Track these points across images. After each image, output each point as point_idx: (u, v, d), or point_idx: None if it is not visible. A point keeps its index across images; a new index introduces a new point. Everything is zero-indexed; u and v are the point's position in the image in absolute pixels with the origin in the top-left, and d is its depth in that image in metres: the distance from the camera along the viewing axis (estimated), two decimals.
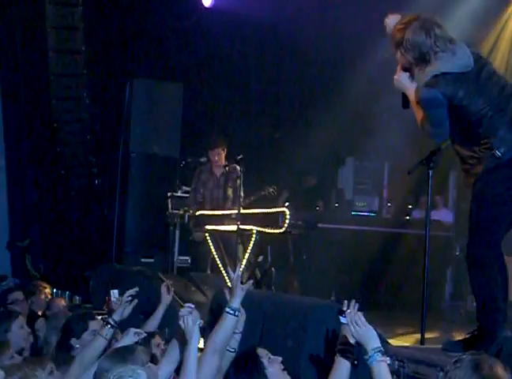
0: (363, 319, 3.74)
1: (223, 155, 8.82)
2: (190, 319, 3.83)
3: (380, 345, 3.65)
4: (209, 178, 8.87)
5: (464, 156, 4.72)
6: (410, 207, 10.09)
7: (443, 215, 10.48)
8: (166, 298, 5.45)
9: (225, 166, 8.84)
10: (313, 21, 11.01)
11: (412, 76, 4.75)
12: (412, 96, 4.74)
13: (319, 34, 10.98)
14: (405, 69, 4.77)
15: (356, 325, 3.72)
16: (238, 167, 8.71)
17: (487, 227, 4.63)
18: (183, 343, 3.90)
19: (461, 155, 4.73)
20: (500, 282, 4.63)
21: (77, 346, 4.81)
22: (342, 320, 3.81)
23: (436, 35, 4.61)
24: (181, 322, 3.85)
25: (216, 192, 8.78)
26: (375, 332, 3.71)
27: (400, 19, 4.75)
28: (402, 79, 4.77)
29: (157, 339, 5.00)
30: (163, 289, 5.48)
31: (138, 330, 4.43)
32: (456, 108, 4.62)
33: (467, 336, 4.74)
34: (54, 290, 8.21)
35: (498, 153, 4.54)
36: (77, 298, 8.89)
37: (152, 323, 5.36)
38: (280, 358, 4.01)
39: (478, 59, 4.68)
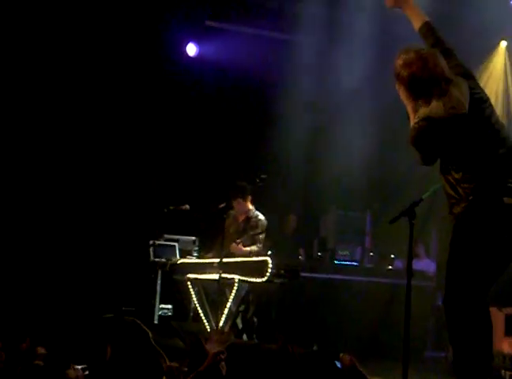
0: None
1: (244, 203, 8.81)
2: None
3: None
4: (233, 222, 8.84)
5: (447, 192, 4.71)
6: (392, 256, 10.10)
7: (425, 264, 10.51)
8: None
9: (248, 213, 8.88)
10: (298, 71, 11.15)
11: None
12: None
13: (304, 84, 11.11)
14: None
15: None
16: (260, 217, 8.74)
17: (463, 276, 4.56)
18: None
19: (445, 189, 4.73)
20: (479, 335, 4.53)
21: None
22: (338, 365, 3.78)
23: (433, 74, 4.60)
24: None
25: (236, 237, 8.73)
26: None
27: (402, 51, 4.75)
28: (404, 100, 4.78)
29: None
30: None
31: None
32: (445, 148, 4.62)
33: None
34: None
35: (474, 199, 4.56)
36: None
37: None
38: None
39: (477, 102, 4.63)
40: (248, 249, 8.45)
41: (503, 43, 10.95)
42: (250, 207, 8.84)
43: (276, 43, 11.34)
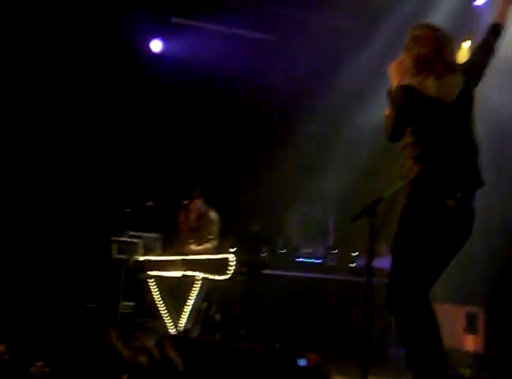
0: None
1: (197, 203, 8.86)
2: None
3: None
4: (187, 220, 8.89)
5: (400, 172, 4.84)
6: (354, 254, 10.13)
7: (388, 262, 10.54)
8: None
9: (200, 210, 8.92)
10: (265, 67, 11.18)
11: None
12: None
13: (269, 80, 11.13)
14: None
15: None
16: (210, 213, 8.82)
17: (402, 270, 4.69)
18: None
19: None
20: (422, 329, 4.61)
21: None
22: (300, 363, 3.80)
23: (439, 55, 4.74)
24: None
25: (189, 236, 8.77)
26: None
27: (418, 26, 4.90)
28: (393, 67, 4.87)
29: None
30: None
31: None
32: (416, 126, 4.71)
33: None
34: None
35: (417, 194, 4.64)
36: None
37: None
38: None
39: (463, 101, 4.75)
40: (201, 247, 8.48)
41: (466, 44, 10.93)
42: (201, 204, 8.91)
43: (242, 40, 11.33)
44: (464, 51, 10.36)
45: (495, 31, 5.03)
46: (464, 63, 4.91)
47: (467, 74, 4.82)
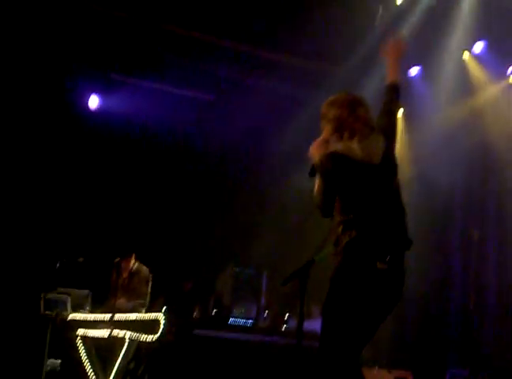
0: None
1: (127, 259, 8.83)
2: None
3: None
4: (118, 278, 8.83)
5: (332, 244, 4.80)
6: (287, 316, 10.10)
7: (319, 324, 10.50)
8: None
9: (131, 268, 9.00)
10: (203, 127, 11.25)
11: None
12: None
13: (205, 140, 11.21)
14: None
15: None
16: (144, 269, 8.81)
17: (334, 332, 4.64)
18: None
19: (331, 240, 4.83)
20: None
21: None
22: None
23: (358, 117, 4.78)
24: None
25: (121, 293, 8.70)
26: None
27: (332, 95, 4.94)
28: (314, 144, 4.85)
29: None
30: None
31: None
32: (345, 191, 4.71)
33: None
34: None
35: (348, 256, 4.63)
36: None
37: None
38: None
39: (387, 162, 4.79)
40: (132, 306, 8.42)
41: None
42: (133, 262, 8.96)
43: (181, 99, 11.40)
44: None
45: (392, 90, 5.14)
46: (377, 126, 4.95)
47: (385, 135, 4.89)
